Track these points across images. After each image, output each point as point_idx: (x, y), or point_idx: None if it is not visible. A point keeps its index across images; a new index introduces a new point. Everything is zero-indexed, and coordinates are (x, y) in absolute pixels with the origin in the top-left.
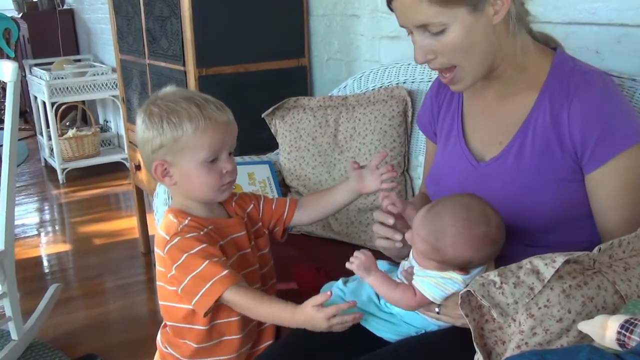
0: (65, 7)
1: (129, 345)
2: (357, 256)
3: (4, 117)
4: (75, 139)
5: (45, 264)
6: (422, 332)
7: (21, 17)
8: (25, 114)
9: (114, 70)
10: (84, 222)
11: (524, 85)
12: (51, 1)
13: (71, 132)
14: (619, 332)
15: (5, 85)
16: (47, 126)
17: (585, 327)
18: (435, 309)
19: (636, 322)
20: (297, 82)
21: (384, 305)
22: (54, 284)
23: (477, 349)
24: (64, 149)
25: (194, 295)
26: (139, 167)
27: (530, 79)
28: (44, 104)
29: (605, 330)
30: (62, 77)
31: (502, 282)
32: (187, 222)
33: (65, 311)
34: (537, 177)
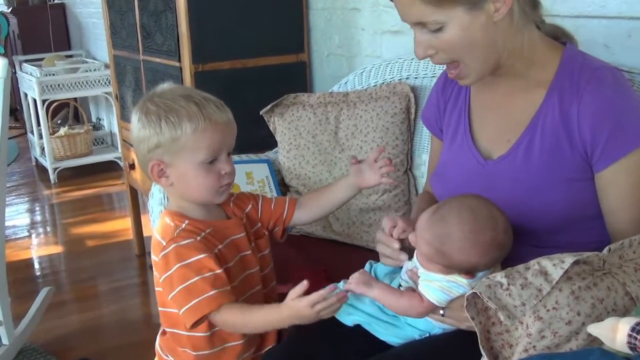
0: (56, 2)
1: (123, 350)
2: (352, 276)
3: None
4: (67, 137)
5: (36, 266)
6: (427, 336)
7: (11, 11)
8: (15, 111)
9: (106, 66)
10: (76, 223)
11: (532, 81)
12: None
13: (63, 131)
14: (630, 335)
15: None
16: (38, 124)
17: (595, 329)
18: (439, 312)
19: None
20: (297, 78)
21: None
22: (45, 287)
23: (483, 353)
24: (55, 147)
25: (181, 306)
26: (132, 166)
27: (539, 74)
28: (35, 101)
29: (615, 333)
30: (53, 74)
31: (509, 284)
32: (184, 225)
33: (57, 315)
34: (546, 175)
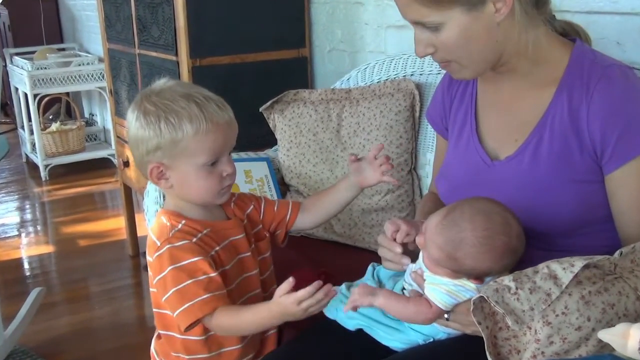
0: None
1: (116, 353)
2: (354, 292)
3: None
4: (58, 133)
5: (26, 266)
6: (431, 341)
7: (1, 3)
8: (5, 106)
9: (100, 60)
10: (68, 222)
11: (540, 79)
12: None
13: (54, 126)
14: None
15: None
16: (29, 119)
17: (605, 335)
18: (444, 316)
19: None
20: (297, 74)
21: None
22: (36, 287)
23: (489, 359)
24: (46, 144)
25: (174, 308)
26: (126, 163)
27: (547, 73)
28: (26, 95)
29: (627, 339)
30: (45, 67)
31: (517, 288)
32: (180, 226)
33: (48, 317)
34: (555, 177)
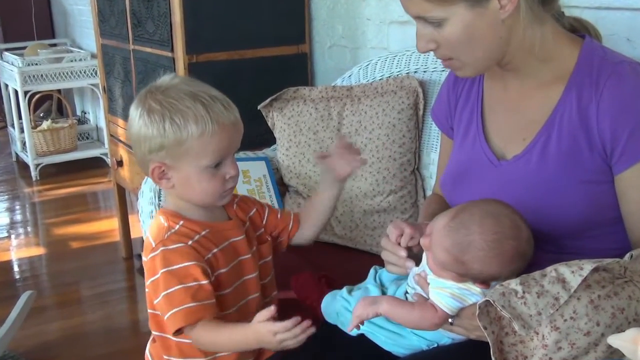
0: None
1: (108, 358)
2: (355, 308)
3: None
4: (50, 131)
5: (16, 269)
6: (435, 346)
7: None
8: None
9: (93, 56)
10: (59, 223)
11: (549, 77)
12: None
13: (45, 124)
14: None
15: None
16: (19, 117)
17: (615, 341)
18: (448, 320)
19: None
20: (297, 71)
21: None
22: (26, 291)
23: None
24: (37, 142)
25: (163, 313)
26: (120, 163)
27: (555, 70)
28: (16, 92)
29: (637, 344)
30: (36, 64)
31: (524, 292)
32: (177, 227)
33: (38, 321)
34: (564, 177)
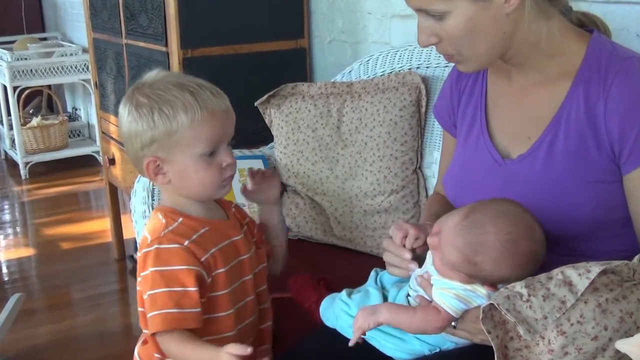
0: None
1: None
2: (355, 322)
3: None
4: (40, 128)
5: (4, 270)
6: (437, 351)
7: None
8: None
9: (85, 50)
10: (49, 223)
11: (555, 72)
12: None
13: (35, 121)
14: None
15: None
16: (8, 114)
17: (623, 346)
18: (451, 323)
19: None
20: (296, 66)
21: None
22: (15, 293)
23: None
24: (27, 140)
25: (147, 311)
26: (112, 161)
27: (562, 65)
28: (5, 88)
29: None
30: (26, 58)
31: (529, 295)
32: (176, 224)
33: (28, 325)
34: (570, 177)
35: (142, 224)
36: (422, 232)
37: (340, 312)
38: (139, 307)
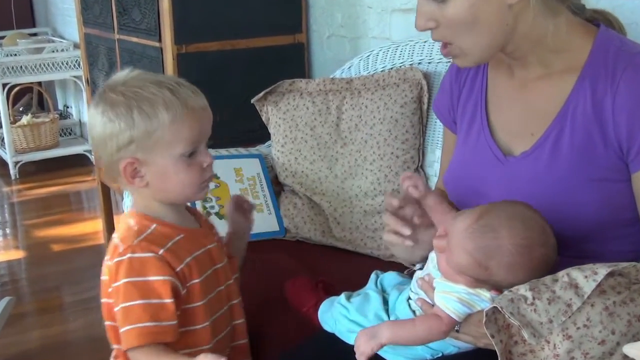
0: None
1: None
2: (356, 345)
3: None
4: (30, 127)
5: None
6: (439, 356)
7: None
8: None
9: (76, 46)
10: (40, 224)
11: (559, 67)
12: None
13: (25, 119)
14: None
15: None
16: None
17: (631, 350)
18: (455, 326)
19: None
20: (293, 62)
21: None
22: (5, 297)
23: None
24: (16, 138)
25: (119, 325)
26: None
27: (567, 60)
28: None
29: None
30: (15, 54)
31: (534, 298)
32: (150, 231)
33: (18, 329)
34: (576, 175)
35: None
36: (427, 191)
37: (339, 316)
38: (107, 321)
